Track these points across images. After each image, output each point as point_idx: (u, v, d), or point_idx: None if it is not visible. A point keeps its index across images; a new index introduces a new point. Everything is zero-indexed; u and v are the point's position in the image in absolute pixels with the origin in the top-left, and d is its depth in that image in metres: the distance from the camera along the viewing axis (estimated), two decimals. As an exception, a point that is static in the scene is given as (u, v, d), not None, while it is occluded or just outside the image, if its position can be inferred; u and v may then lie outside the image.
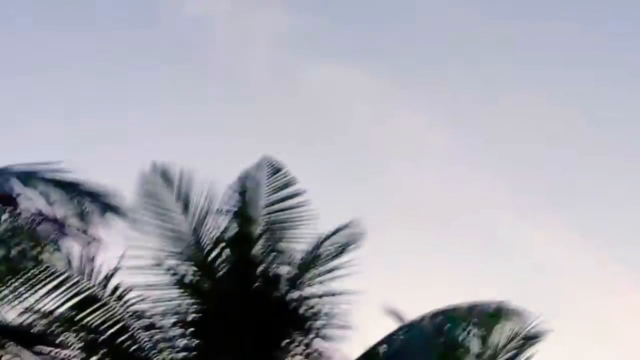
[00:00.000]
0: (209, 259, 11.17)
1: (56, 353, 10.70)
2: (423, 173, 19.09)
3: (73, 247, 9.72)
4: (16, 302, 9.79)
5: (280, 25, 18.78)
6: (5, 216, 9.09)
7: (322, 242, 11.45)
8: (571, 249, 18.71)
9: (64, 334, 10.59)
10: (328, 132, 19.02)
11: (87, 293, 10.54)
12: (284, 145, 17.72)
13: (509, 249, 18.65)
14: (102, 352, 10.71)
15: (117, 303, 10.73)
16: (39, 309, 10.27)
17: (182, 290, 11.08)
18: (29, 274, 9.80)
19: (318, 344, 11.29)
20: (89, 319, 10.62)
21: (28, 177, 9.06)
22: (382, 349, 11.33)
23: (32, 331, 10.28)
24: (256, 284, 11.19)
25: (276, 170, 11.33)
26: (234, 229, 11.25)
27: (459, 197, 19.00)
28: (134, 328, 10.88)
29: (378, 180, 18.82)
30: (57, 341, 10.54)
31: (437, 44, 19.04)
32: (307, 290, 11.32)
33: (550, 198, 19.01)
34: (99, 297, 10.63)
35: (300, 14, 18.64)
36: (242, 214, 11.21)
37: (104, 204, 9.38)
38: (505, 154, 19.41)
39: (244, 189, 11.27)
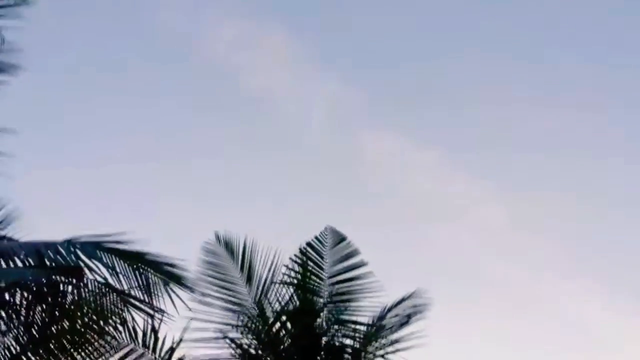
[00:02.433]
0: (272, 331, 11.07)
1: None
2: (480, 243, 18.86)
3: (137, 319, 9.67)
4: (81, 375, 9.72)
5: (338, 95, 18.91)
6: (70, 288, 9.06)
7: (386, 313, 11.29)
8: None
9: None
10: (388, 199, 18.95)
11: (150, 365, 10.51)
12: (346, 214, 17.66)
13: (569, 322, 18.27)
14: None
15: (181, 375, 10.65)
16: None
17: (245, 363, 10.98)
18: (94, 347, 9.77)
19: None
20: (152, 391, 10.56)
21: (92, 248, 9.01)
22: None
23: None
24: (320, 356, 11.03)
25: (339, 240, 11.26)
26: (297, 301, 11.16)
27: (516, 267, 18.74)
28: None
29: (439, 249, 18.66)
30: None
31: (492, 114, 18.99)
32: (371, 363, 11.14)
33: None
34: (163, 369, 10.57)
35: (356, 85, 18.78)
36: (305, 285, 11.12)
37: (168, 275, 9.29)
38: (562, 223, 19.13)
39: (307, 260, 11.19)
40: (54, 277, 8.88)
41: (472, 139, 19.21)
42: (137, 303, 9.12)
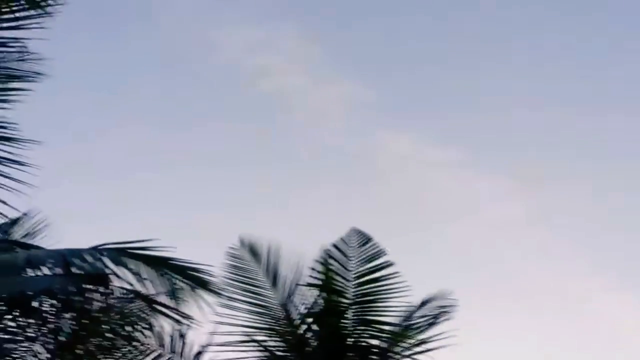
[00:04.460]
0: (298, 333, 11.08)
1: None
2: (503, 239, 18.82)
3: (164, 324, 9.70)
4: (109, 380, 9.77)
5: (355, 96, 18.90)
6: (97, 295, 9.10)
7: (412, 313, 11.26)
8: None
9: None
10: (410, 199, 18.97)
11: (178, 370, 10.55)
12: (367, 214, 17.66)
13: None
14: None
15: (209, 380, 10.68)
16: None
17: (272, 365, 11.00)
18: (121, 353, 9.82)
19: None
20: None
21: (118, 255, 9.05)
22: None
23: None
24: (346, 357, 11.03)
25: (365, 241, 11.22)
26: (322, 302, 11.16)
27: (545, 270, 18.71)
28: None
29: (463, 247, 18.62)
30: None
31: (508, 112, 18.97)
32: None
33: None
34: (191, 374, 10.60)
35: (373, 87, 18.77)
36: (331, 287, 11.11)
37: (194, 280, 9.31)
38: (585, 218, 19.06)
39: (332, 261, 11.18)
40: (81, 284, 8.93)
41: (489, 137, 19.20)
42: (163, 309, 9.15)
